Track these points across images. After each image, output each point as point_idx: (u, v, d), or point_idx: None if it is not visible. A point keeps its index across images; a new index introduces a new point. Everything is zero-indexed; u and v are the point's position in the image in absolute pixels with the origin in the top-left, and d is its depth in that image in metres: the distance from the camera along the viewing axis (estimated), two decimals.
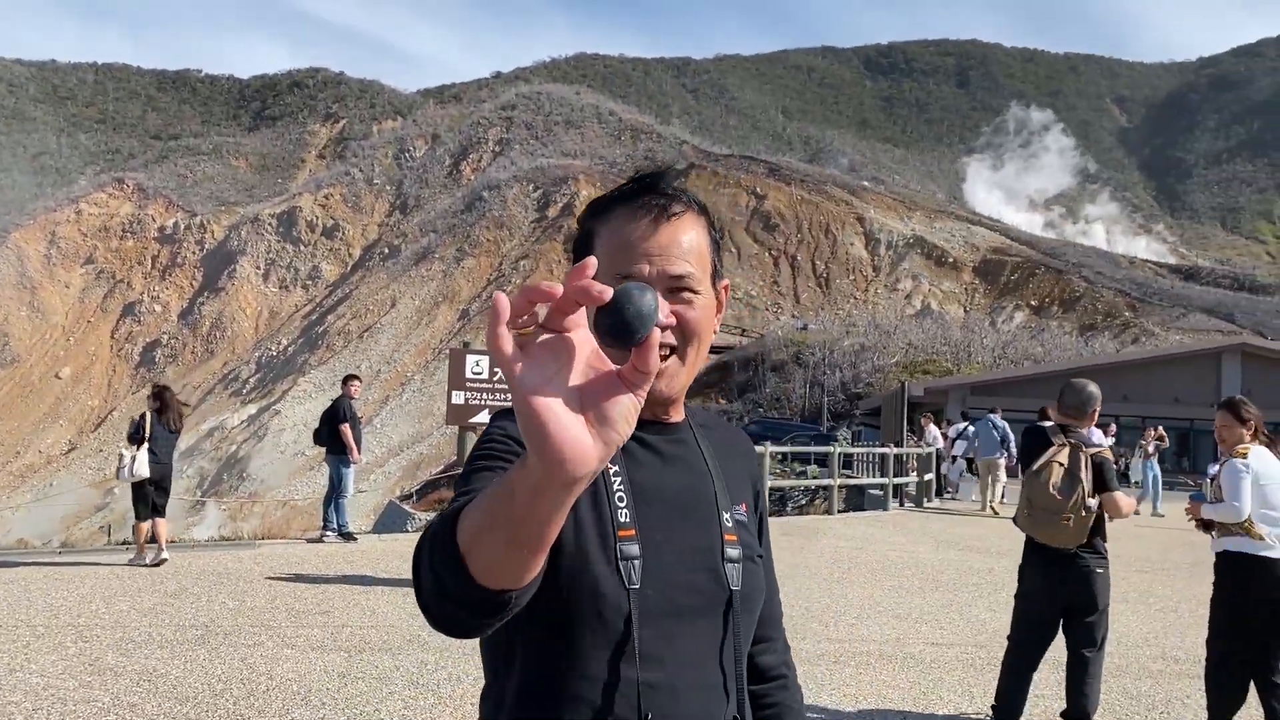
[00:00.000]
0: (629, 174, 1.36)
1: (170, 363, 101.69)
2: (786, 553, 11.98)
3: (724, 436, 1.52)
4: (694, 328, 1.33)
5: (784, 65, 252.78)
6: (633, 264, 1.31)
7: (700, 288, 1.34)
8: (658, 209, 1.34)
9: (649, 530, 1.29)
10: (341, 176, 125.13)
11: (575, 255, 1.39)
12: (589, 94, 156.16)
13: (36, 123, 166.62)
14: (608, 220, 1.37)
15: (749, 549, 1.39)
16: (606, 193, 1.42)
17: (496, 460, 1.24)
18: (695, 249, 1.35)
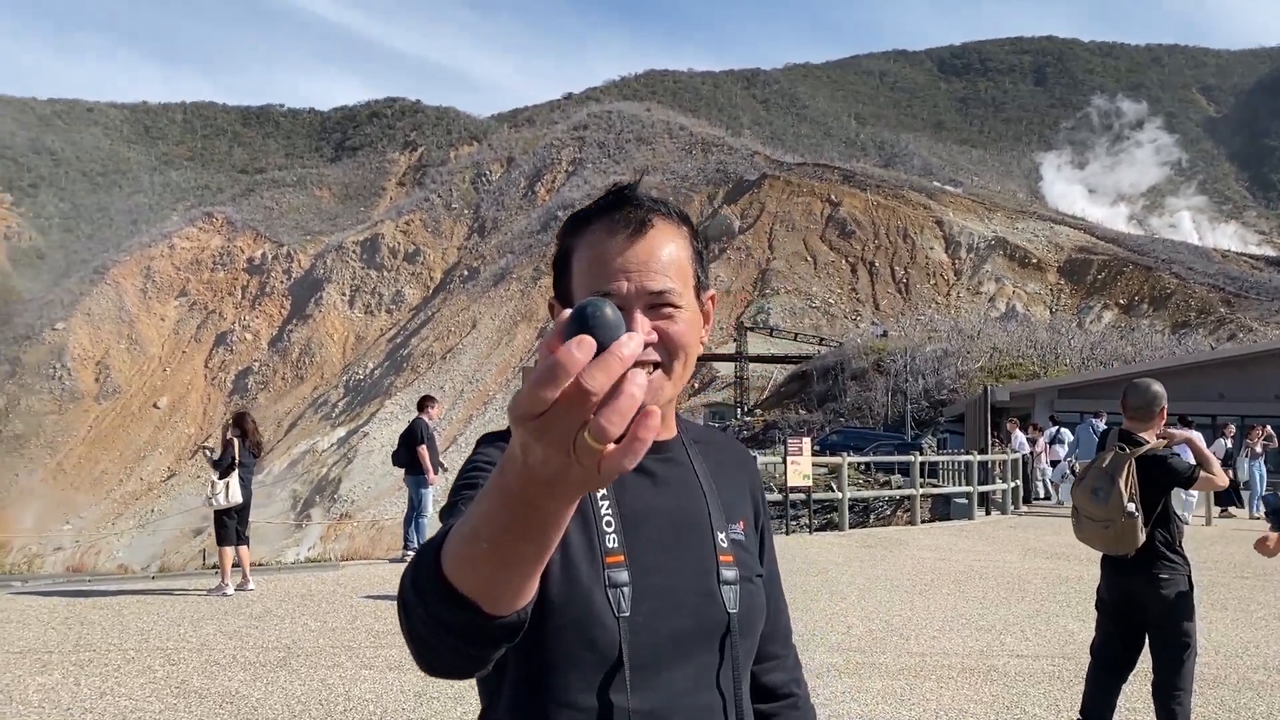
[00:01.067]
0: (701, 187, 1.39)
1: (262, 389, 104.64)
2: (866, 565, 11.78)
3: (720, 451, 1.48)
4: (678, 341, 1.28)
5: (855, 71, 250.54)
6: (610, 281, 1.27)
7: (682, 302, 1.30)
8: (634, 222, 1.29)
9: (639, 555, 1.26)
10: (421, 202, 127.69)
11: (555, 274, 1.37)
12: (659, 110, 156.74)
13: (130, 163, 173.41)
14: (584, 236, 1.32)
15: (747, 569, 1.36)
16: (583, 208, 1.37)
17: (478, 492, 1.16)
18: (675, 262, 1.31)
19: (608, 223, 1.30)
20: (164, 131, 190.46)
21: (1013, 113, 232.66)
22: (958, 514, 19.53)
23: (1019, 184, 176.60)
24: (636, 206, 1.31)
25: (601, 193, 1.29)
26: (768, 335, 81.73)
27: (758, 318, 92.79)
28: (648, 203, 1.33)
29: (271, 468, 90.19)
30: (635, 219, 1.29)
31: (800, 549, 13.55)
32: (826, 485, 20.10)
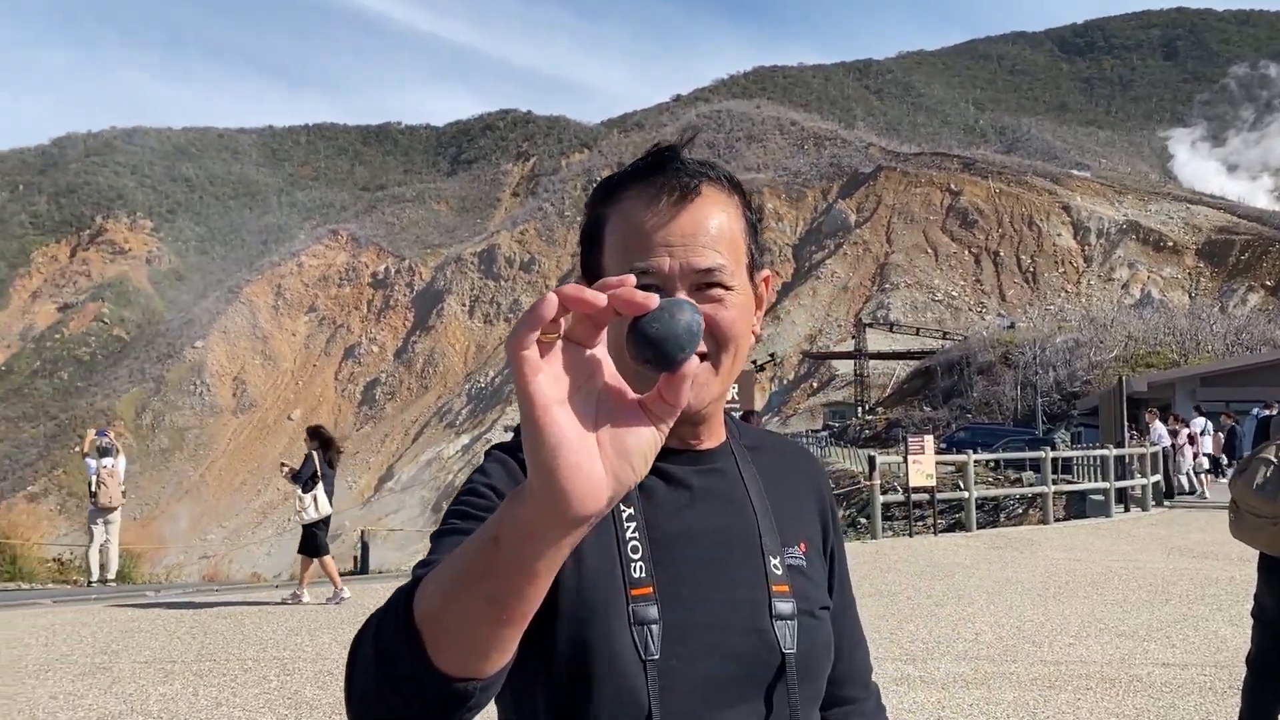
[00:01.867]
0: (815, 182, 1.23)
1: (389, 399, 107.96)
2: (996, 567, 11.25)
3: (778, 459, 1.28)
4: (727, 331, 1.11)
5: (972, 56, 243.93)
6: (649, 256, 1.09)
7: (733, 282, 1.11)
8: (678, 188, 1.11)
9: (672, 586, 1.08)
10: (535, 212, 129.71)
11: (583, 247, 1.19)
12: (769, 106, 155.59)
13: (260, 185, 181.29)
14: (619, 204, 1.14)
15: (807, 601, 1.16)
16: (617, 171, 1.18)
17: (475, 522, 1.02)
18: (726, 235, 1.12)
19: (646, 188, 1.12)
20: (290, 153, 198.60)
21: (1141, 90, 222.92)
22: (1094, 512, 18.62)
23: (1150, 164, 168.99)
24: (680, 170, 1.12)
25: None
26: (888, 331, 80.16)
27: (877, 313, 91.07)
28: (694, 165, 1.14)
29: (400, 475, 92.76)
30: (679, 184, 1.11)
31: (925, 551, 13.07)
32: (954, 484, 19.43)
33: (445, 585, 0.75)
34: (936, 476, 15.56)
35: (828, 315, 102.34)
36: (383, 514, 79.64)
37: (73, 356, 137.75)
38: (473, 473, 1.15)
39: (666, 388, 0.70)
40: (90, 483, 13.11)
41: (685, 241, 1.09)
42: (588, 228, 1.18)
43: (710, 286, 1.09)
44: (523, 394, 0.65)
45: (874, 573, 10.90)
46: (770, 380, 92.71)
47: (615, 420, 0.69)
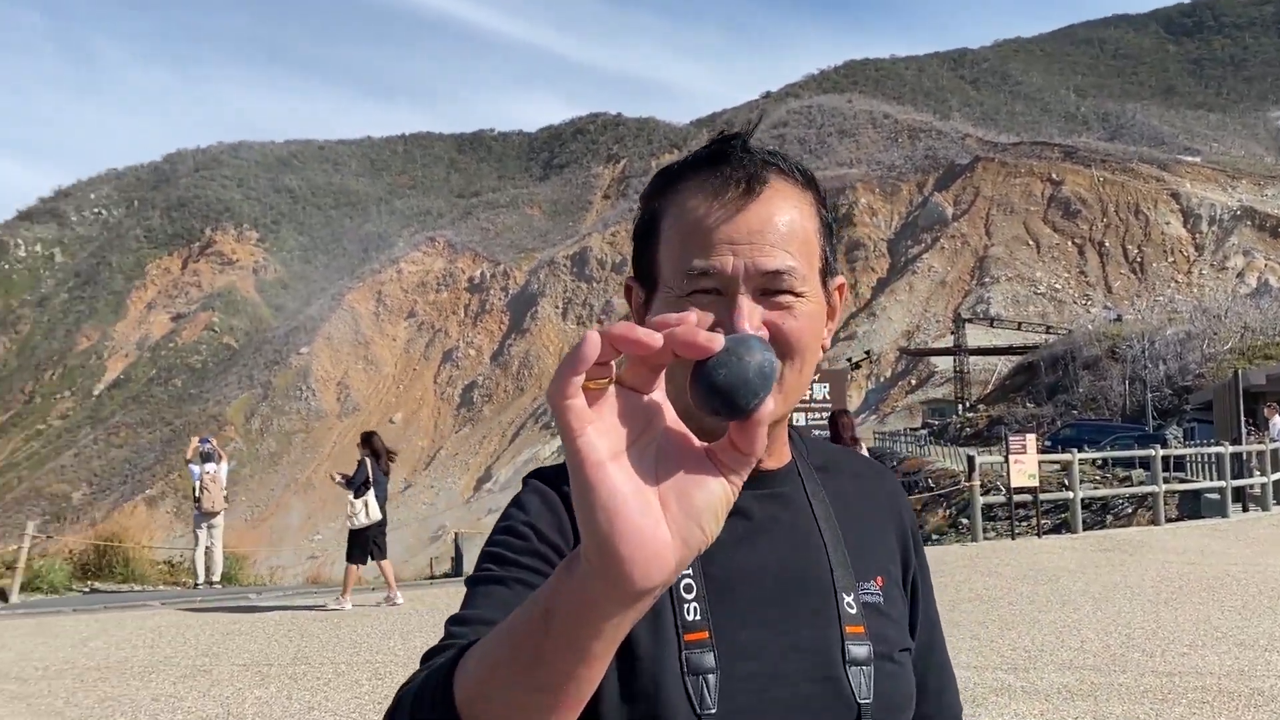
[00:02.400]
0: (909, 176, 1.09)
1: (486, 402, 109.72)
2: (1103, 570, 10.80)
3: (852, 480, 1.16)
4: (795, 343, 0.99)
5: (1072, 41, 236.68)
6: (710, 255, 0.97)
7: (804, 288, 1.00)
8: (744, 179, 0.99)
9: (730, 630, 0.97)
10: (626, 213, 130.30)
11: (637, 244, 1.08)
12: (861, 100, 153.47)
13: (359, 194, 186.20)
14: (677, 196, 1.02)
15: (885, 643, 1.04)
16: (676, 161, 1.07)
17: (514, 568, 0.94)
18: (798, 235, 1.01)
19: (709, 180, 1.00)
20: (387, 163, 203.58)
21: (1255, 70, 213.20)
22: (1209, 512, 17.79)
23: (1265, 146, 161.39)
24: (747, 160, 1.01)
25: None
26: (988, 326, 78.32)
27: (977, 308, 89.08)
28: (763, 156, 1.03)
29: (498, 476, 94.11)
30: (746, 175, 1.00)
31: (1028, 554, 12.64)
32: (1060, 484, 18.80)
33: (488, 669, 0.66)
34: (1040, 476, 15.06)
35: (925, 311, 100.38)
36: (481, 514, 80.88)
37: (185, 364, 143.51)
38: (508, 506, 1.04)
39: (739, 436, 0.60)
40: (194, 488, 13.54)
41: (752, 239, 0.98)
42: (642, 222, 1.07)
43: (778, 293, 0.98)
44: (571, 450, 0.57)
45: (974, 576, 10.57)
46: (867, 378, 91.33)
47: (680, 474, 0.60)
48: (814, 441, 1.18)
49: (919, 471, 32.95)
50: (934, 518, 24.34)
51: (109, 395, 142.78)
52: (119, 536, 15.00)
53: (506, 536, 0.98)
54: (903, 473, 33.04)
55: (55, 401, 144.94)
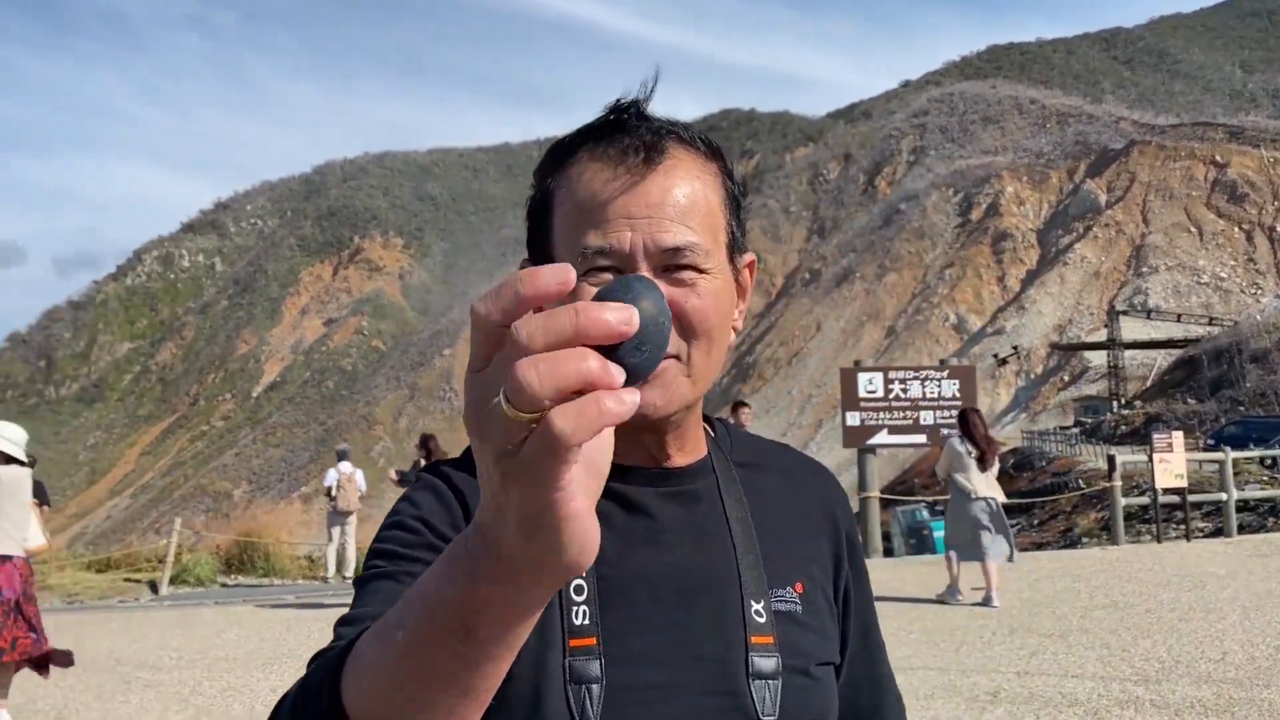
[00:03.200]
0: (1059, 163, 0.95)
1: None
2: (1258, 578, 10.02)
3: (780, 479, 1.07)
4: (701, 322, 0.92)
5: (1236, 14, 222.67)
6: (606, 232, 0.90)
7: (709, 264, 0.93)
8: (642, 150, 0.92)
9: (621, 636, 0.89)
10: (759, 210, 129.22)
11: (530, 225, 1.00)
12: (1006, 86, 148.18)
13: (497, 200, 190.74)
14: (570, 170, 0.95)
15: (799, 655, 0.95)
16: (568, 134, 0.99)
17: (404, 562, 0.87)
18: (700, 208, 0.93)
19: (604, 151, 0.93)
20: (524, 169, 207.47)
21: None
22: None
23: None
24: (644, 129, 0.94)
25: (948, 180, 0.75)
26: (1145, 319, 74.55)
27: (1133, 300, 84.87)
28: (661, 124, 0.96)
29: None
30: (643, 145, 0.92)
31: (1173, 559, 11.85)
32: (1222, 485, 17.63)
33: (395, 684, 0.58)
34: (1197, 476, 14.13)
35: (1077, 304, 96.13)
36: None
37: (337, 367, 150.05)
38: (398, 501, 0.95)
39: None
40: (330, 489, 14.08)
41: (650, 213, 0.90)
42: (535, 200, 0.99)
43: (680, 269, 0.91)
44: (545, 501, 0.50)
45: (1110, 582, 9.98)
46: (1016, 375, 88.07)
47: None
48: (744, 436, 1.10)
49: (1069, 472, 31.50)
50: (1084, 520, 23.27)
51: (266, 397, 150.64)
52: (259, 533, 15.70)
53: (396, 531, 0.91)
54: (1052, 473, 31.69)
55: (217, 404, 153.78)
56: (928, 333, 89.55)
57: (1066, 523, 20.68)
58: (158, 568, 14.61)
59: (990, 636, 7.99)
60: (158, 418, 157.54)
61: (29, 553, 6.88)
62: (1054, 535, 19.77)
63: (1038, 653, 7.26)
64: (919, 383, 13.10)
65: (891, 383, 13.10)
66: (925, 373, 13.44)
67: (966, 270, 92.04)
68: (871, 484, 13.51)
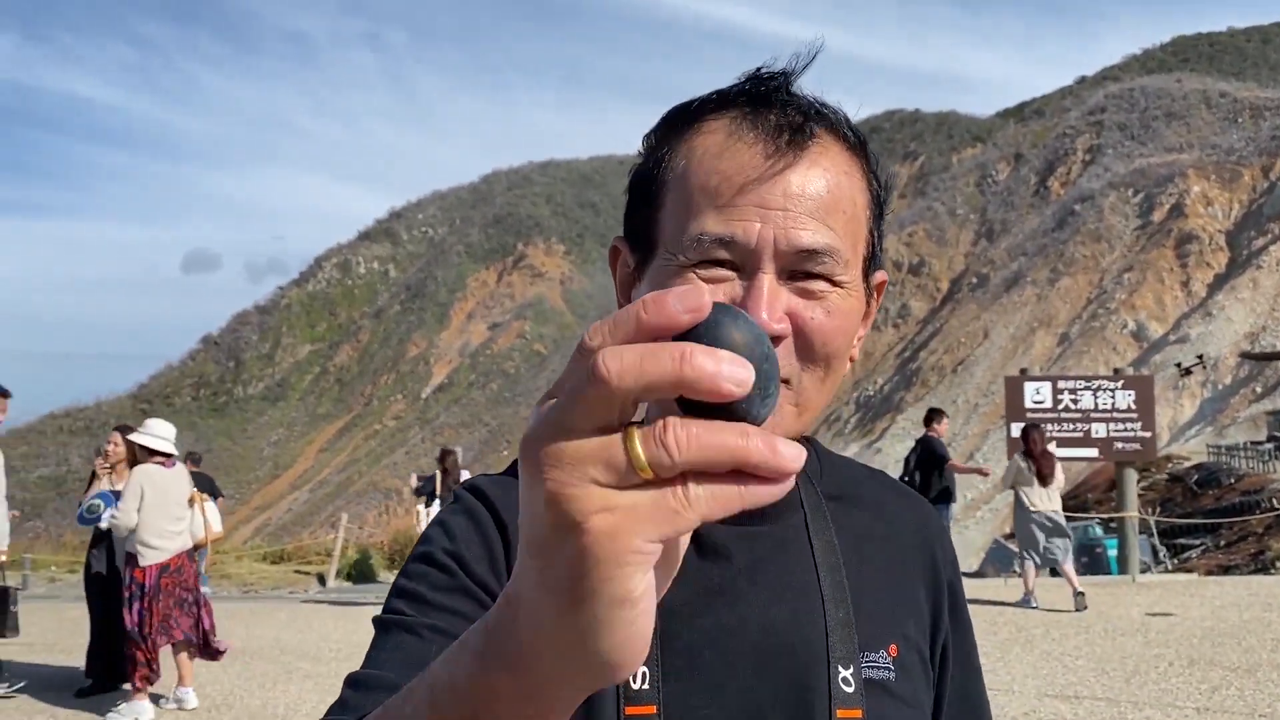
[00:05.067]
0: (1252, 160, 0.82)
1: None
2: None
3: (873, 515, 0.93)
4: (823, 344, 0.79)
5: None
6: (731, 219, 0.76)
7: (845, 276, 0.79)
8: (786, 128, 0.78)
9: (685, 705, 0.76)
10: (924, 212, 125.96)
11: (633, 195, 0.88)
12: (1192, 79, 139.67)
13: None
14: (694, 139, 0.81)
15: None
16: (696, 97, 0.84)
17: (431, 610, 0.75)
18: (845, 208, 0.80)
19: (741, 124, 0.79)
20: None
21: None
22: None
23: None
24: (791, 105, 0.80)
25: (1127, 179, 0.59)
26: None
27: None
28: (810, 103, 0.82)
29: None
30: (789, 124, 0.79)
31: None
32: None
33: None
34: None
35: (1272, 310, 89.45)
36: None
37: (501, 370, 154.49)
38: (430, 524, 0.84)
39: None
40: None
41: (788, 205, 0.76)
42: (644, 168, 0.86)
43: (812, 277, 0.78)
44: (610, 586, 0.39)
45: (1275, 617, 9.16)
46: (1201, 385, 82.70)
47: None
48: (835, 461, 0.97)
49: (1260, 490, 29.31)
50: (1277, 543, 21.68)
51: (434, 398, 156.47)
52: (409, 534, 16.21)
53: (425, 567, 0.79)
54: (1241, 491, 29.57)
55: (389, 404, 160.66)
56: (1104, 340, 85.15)
57: (1258, 545, 19.22)
58: (326, 561, 15.27)
59: (1167, 668, 7.45)
60: (335, 416, 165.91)
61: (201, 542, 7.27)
62: (1243, 559, 18.40)
63: (1220, 688, 6.71)
64: (1090, 393, 12.37)
65: (1061, 393, 12.42)
66: (1098, 383, 12.68)
67: (1147, 274, 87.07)
68: None
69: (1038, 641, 8.59)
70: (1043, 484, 9.97)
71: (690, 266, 0.77)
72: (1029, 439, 10.13)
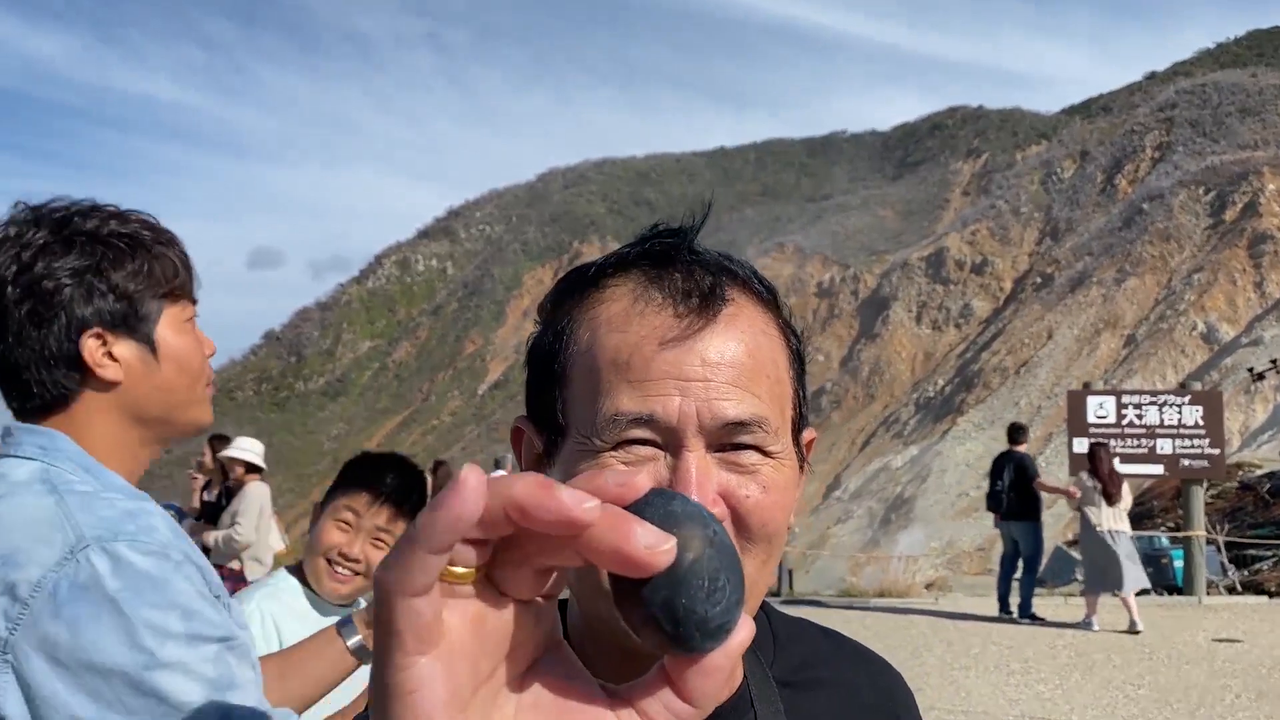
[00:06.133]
0: None
1: (835, 408, 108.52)
2: None
3: (833, 695, 0.85)
4: (762, 526, 0.72)
5: None
6: (648, 395, 0.69)
7: (776, 446, 0.73)
8: (698, 294, 0.72)
9: None
10: (987, 210, 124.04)
11: (533, 370, 0.80)
12: (1268, 74, 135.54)
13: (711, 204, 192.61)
14: (597, 308, 0.74)
15: None
16: (594, 261, 0.78)
17: None
18: (768, 372, 0.74)
19: (646, 289, 0.73)
20: (739, 172, 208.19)
21: None
22: None
23: None
24: (696, 263, 0.74)
25: (1198, 177, 0.53)
26: None
27: None
28: (717, 260, 0.76)
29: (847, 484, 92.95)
30: (699, 288, 0.72)
31: None
32: None
33: None
34: None
35: None
36: (830, 523, 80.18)
37: None
38: None
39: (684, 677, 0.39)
40: None
41: (708, 374, 0.70)
42: (543, 343, 0.79)
43: (741, 448, 0.71)
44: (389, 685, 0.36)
45: None
46: (1276, 390, 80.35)
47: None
48: (787, 629, 0.88)
49: None
50: None
51: (490, 395, 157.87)
52: None
53: None
54: None
55: (447, 400, 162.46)
56: (1172, 342, 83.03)
57: None
58: None
59: (1233, 700, 7.17)
60: (394, 412, 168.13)
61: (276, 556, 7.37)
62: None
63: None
64: (1156, 408, 11.98)
65: (1125, 407, 12.04)
66: (1163, 398, 12.27)
67: (1218, 275, 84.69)
68: None
69: (1099, 668, 8.33)
70: (1109, 503, 9.83)
71: (608, 450, 0.70)
72: (1095, 458, 9.99)
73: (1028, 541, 10.75)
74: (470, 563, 0.36)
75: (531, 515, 0.34)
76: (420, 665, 0.35)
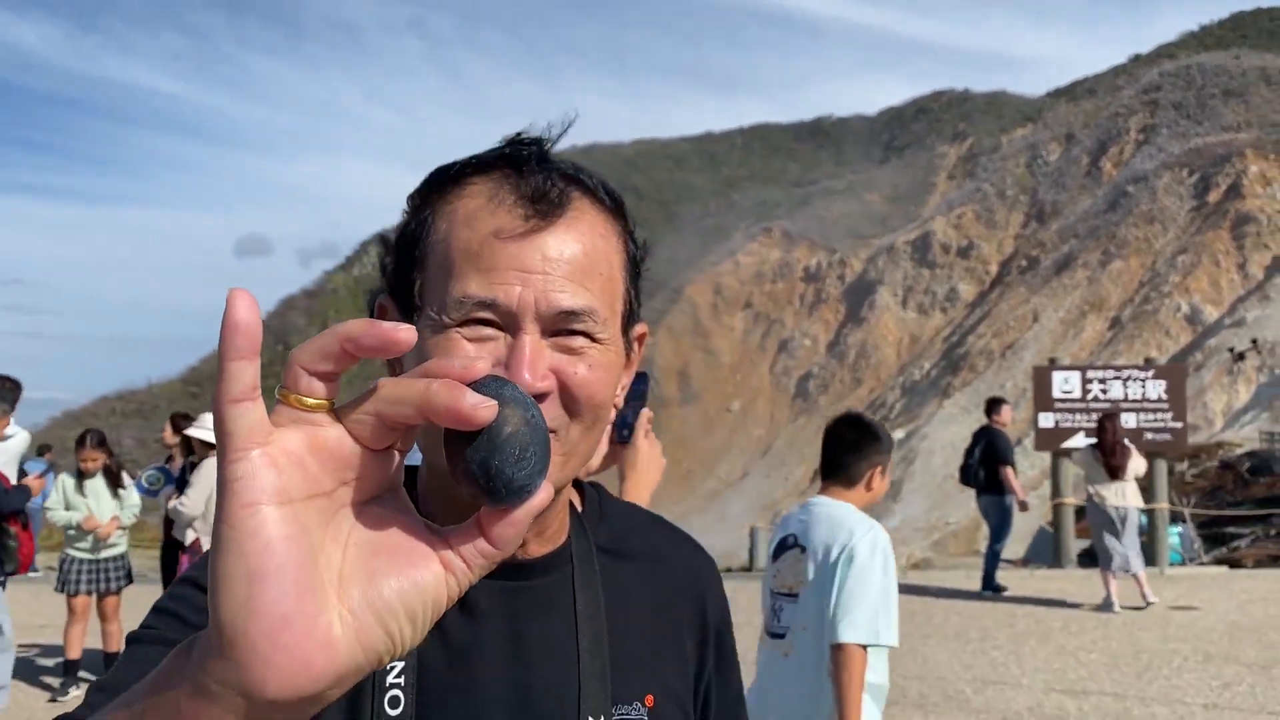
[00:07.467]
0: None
1: (821, 393, 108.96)
2: None
3: (647, 565, 0.97)
4: (587, 398, 0.81)
5: None
6: (493, 282, 0.79)
7: (603, 333, 0.83)
8: (542, 194, 0.82)
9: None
10: (972, 194, 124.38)
11: (395, 257, 0.88)
12: (1251, 56, 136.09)
13: (698, 190, 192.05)
14: (455, 202, 0.83)
15: None
16: (458, 160, 0.86)
17: (185, 628, 0.76)
18: (601, 270, 0.84)
19: (496, 188, 0.83)
20: (726, 157, 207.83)
21: None
22: None
23: None
24: (548, 172, 0.84)
25: (1181, 159, 0.56)
26: None
27: None
28: (567, 169, 0.87)
29: None
30: (545, 191, 0.82)
31: None
32: None
33: None
34: None
35: None
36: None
37: None
38: (186, 569, 0.85)
39: (493, 525, 0.46)
40: None
41: (546, 269, 0.79)
42: (407, 230, 0.86)
43: (572, 334, 0.81)
44: (222, 477, 0.42)
45: None
46: (1257, 370, 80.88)
47: (382, 554, 0.44)
48: (617, 509, 0.99)
49: None
50: None
51: None
52: None
53: (188, 589, 0.79)
54: None
55: None
56: (1157, 324, 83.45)
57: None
58: None
59: (1181, 663, 7.36)
60: None
61: None
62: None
63: (1232, 684, 6.63)
64: (1120, 383, 12.16)
65: (1090, 383, 12.23)
66: (1127, 372, 12.47)
67: (1202, 257, 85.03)
68: (1066, 490, 12.72)
69: (1054, 635, 8.52)
70: (1113, 477, 9.60)
71: (454, 326, 0.79)
72: (1102, 430, 9.78)
73: (994, 515, 10.90)
74: (319, 394, 0.44)
75: (360, 342, 0.42)
76: (251, 457, 0.41)
